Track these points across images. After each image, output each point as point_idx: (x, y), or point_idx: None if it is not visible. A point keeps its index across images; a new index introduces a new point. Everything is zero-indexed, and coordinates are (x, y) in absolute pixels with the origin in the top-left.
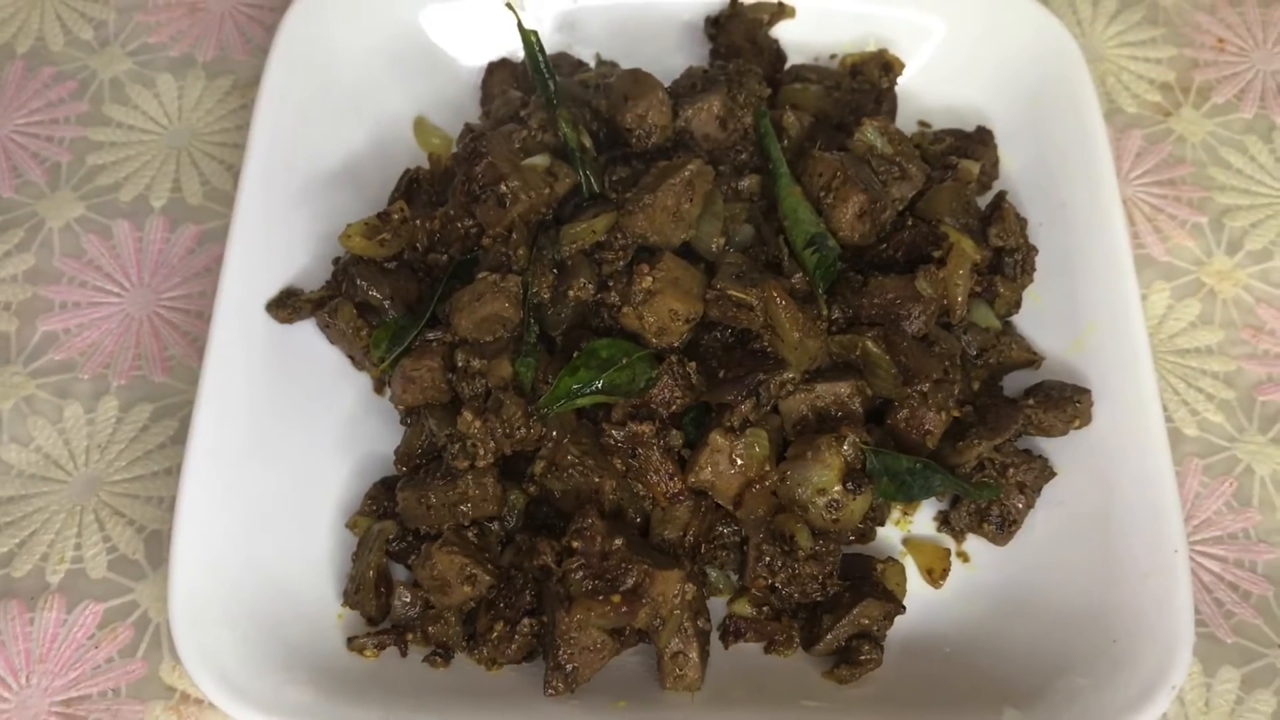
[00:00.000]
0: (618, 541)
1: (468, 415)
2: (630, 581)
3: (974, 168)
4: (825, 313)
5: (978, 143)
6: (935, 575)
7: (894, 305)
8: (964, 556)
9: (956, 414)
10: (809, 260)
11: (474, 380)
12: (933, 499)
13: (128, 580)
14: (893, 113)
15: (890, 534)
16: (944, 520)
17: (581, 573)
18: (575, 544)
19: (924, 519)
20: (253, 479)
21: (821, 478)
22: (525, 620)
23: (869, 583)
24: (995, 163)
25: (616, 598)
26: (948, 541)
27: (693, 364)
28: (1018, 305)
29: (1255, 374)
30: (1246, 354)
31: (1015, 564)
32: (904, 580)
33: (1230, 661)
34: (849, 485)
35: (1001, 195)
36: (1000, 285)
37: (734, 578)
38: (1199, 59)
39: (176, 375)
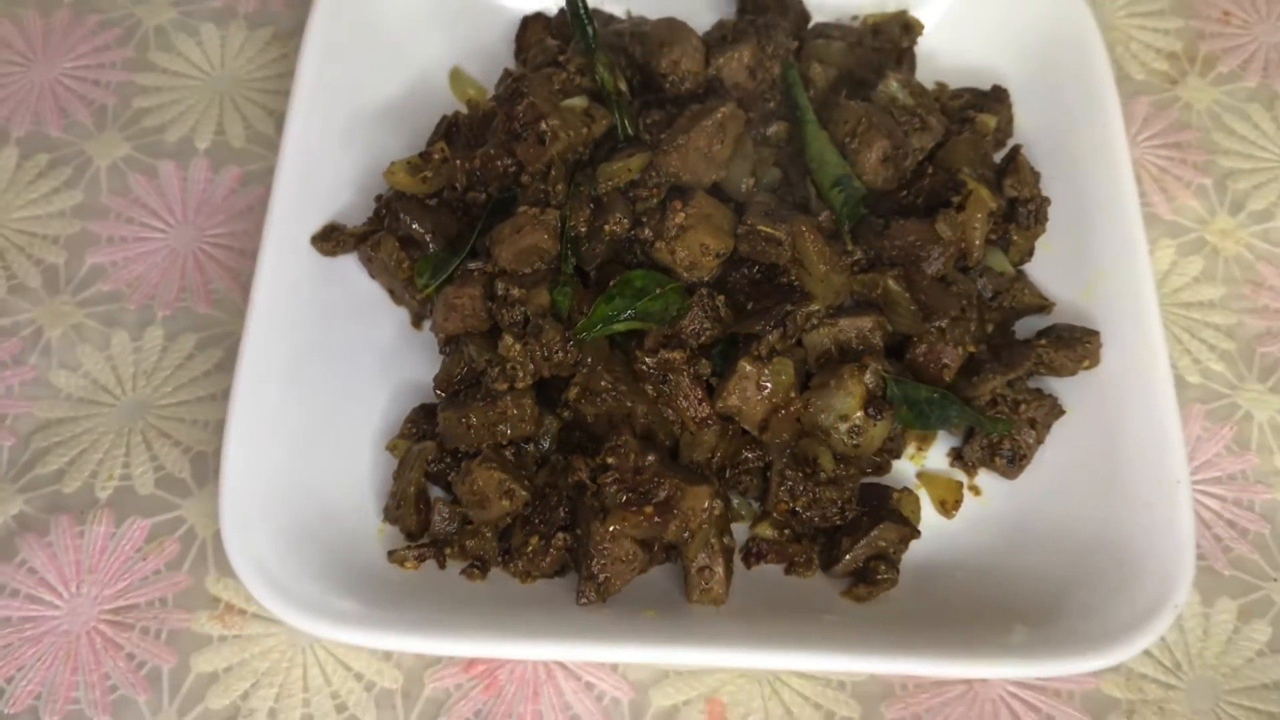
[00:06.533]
0: (650, 458)
1: (508, 339)
2: (662, 495)
3: (991, 121)
4: (851, 249)
5: (994, 100)
6: (948, 506)
7: (914, 247)
8: (975, 490)
9: (972, 350)
10: (835, 199)
11: (513, 308)
12: (946, 436)
13: (175, 497)
14: (912, 72)
15: (905, 468)
16: (957, 456)
17: (616, 486)
18: (610, 460)
19: (937, 454)
20: (297, 403)
21: (844, 404)
22: (559, 535)
23: (886, 508)
24: (1010, 120)
25: (649, 509)
26: (960, 476)
27: (722, 297)
28: (1030, 254)
29: (1255, 327)
30: (1247, 308)
31: (1025, 496)
32: (918, 510)
33: (1228, 593)
34: (870, 411)
35: (1016, 148)
36: (1014, 233)
37: (756, 505)
38: (1205, 30)
39: (220, 307)
